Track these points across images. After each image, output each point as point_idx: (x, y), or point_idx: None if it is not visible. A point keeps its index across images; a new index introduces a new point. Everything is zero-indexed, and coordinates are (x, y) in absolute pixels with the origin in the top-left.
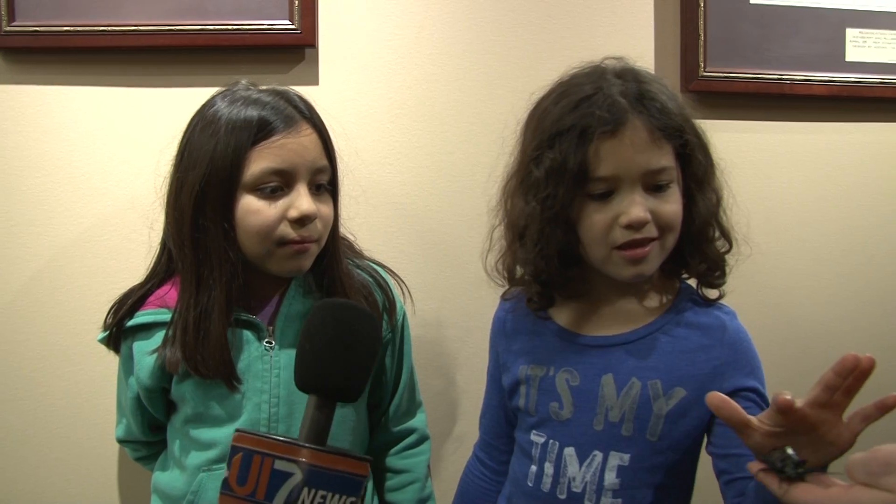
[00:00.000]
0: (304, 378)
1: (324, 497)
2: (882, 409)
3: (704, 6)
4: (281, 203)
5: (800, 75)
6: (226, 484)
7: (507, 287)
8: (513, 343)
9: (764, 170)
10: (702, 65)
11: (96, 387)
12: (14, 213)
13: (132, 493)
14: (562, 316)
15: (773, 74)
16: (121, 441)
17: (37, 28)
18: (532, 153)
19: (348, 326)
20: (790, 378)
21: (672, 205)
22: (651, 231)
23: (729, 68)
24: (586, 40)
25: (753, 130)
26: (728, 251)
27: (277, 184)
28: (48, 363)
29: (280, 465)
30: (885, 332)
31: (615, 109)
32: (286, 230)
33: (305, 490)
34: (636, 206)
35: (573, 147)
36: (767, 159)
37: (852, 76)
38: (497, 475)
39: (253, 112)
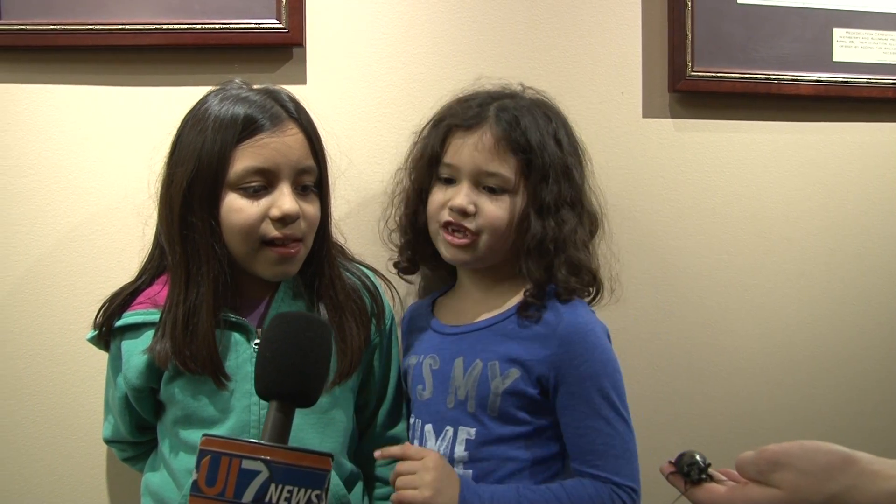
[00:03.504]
0: (265, 386)
1: (290, 491)
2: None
3: (692, 6)
4: (264, 202)
5: (787, 75)
6: (195, 486)
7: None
8: (405, 340)
9: (751, 169)
10: (689, 65)
11: (84, 387)
12: (0, 212)
13: (120, 494)
14: (440, 311)
15: (761, 74)
16: (107, 441)
17: (23, 26)
18: (419, 137)
19: (304, 336)
20: (776, 376)
21: (496, 208)
22: (470, 223)
23: (716, 68)
24: (573, 40)
25: (741, 130)
26: (589, 284)
27: (260, 183)
28: (35, 363)
29: (247, 464)
30: (873, 330)
31: (477, 113)
32: (268, 228)
33: (273, 486)
34: (461, 195)
35: (439, 134)
36: (754, 159)
37: (839, 76)
38: None
39: (239, 110)
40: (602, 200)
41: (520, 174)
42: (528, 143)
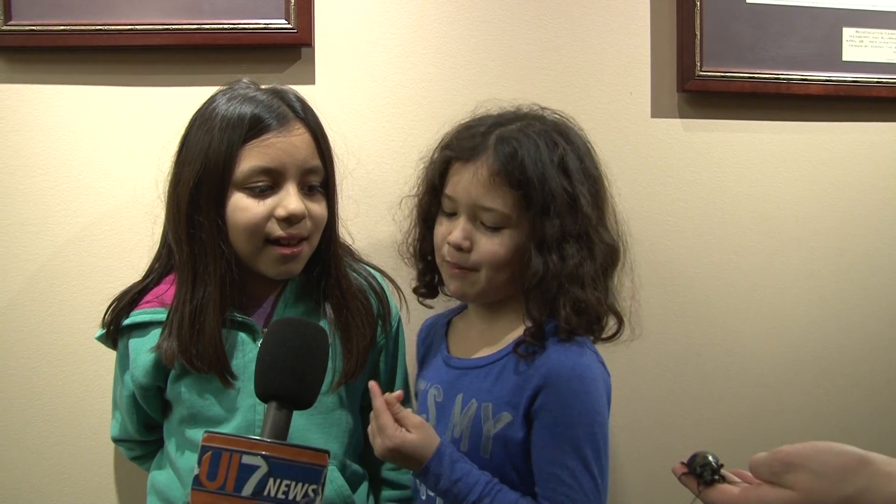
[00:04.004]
0: (264, 388)
1: (288, 485)
2: None
3: (700, 6)
4: (269, 201)
5: (796, 75)
6: (196, 480)
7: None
8: (419, 355)
9: (760, 169)
10: (698, 64)
11: (93, 386)
12: (11, 212)
13: (129, 493)
14: (451, 337)
15: (770, 74)
16: (115, 440)
17: (33, 27)
18: (426, 162)
19: (302, 341)
20: (785, 378)
21: (491, 244)
22: (466, 259)
23: (725, 68)
24: (582, 40)
25: (750, 130)
26: (594, 322)
27: (266, 183)
28: (44, 363)
29: (247, 459)
30: (882, 330)
31: (474, 144)
32: (274, 228)
33: (271, 480)
34: (457, 231)
35: (439, 165)
36: (764, 159)
37: (849, 76)
38: None
39: (246, 110)
40: (625, 229)
41: (519, 208)
42: (526, 176)
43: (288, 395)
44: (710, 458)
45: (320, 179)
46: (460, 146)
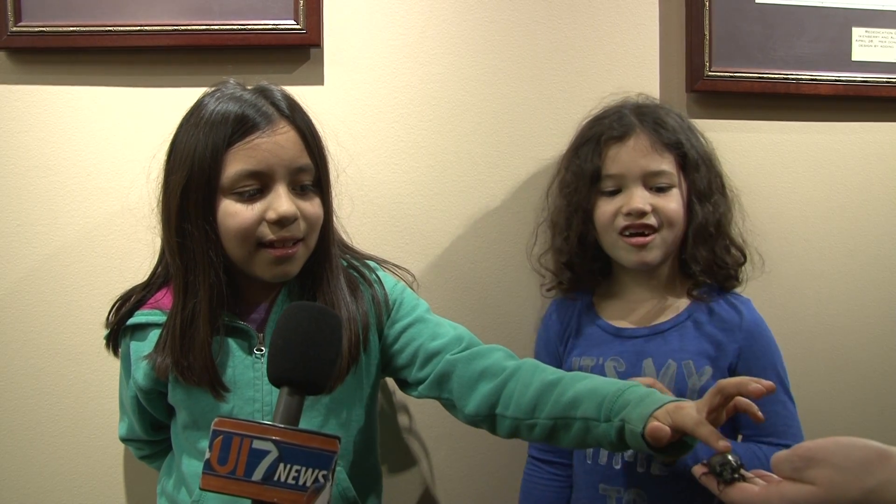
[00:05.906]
0: (276, 372)
1: (298, 471)
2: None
3: (709, 6)
4: (259, 205)
5: (805, 75)
6: (207, 464)
7: (546, 279)
8: (563, 339)
9: (769, 169)
10: (707, 64)
11: (101, 386)
12: (20, 212)
13: (138, 493)
14: (606, 313)
15: (779, 74)
16: (123, 440)
17: (43, 28)
18: (565, 162)
19: (315, 326)
20: (794, 377)
21: (671, 203)
22: (650, 220)
23: (734, 68)
24: (591, 40)
25: (759, 130)
26: (742, 263)
27: (255, 186)
28: (53, 362)
29: (258, 444)
30: (891, 332)
31: (624, 122)
32: (265, 232)
33: (281, 465)
34: (636, 198)
35: (590, 152)
36: (773, 159)
37: (858, 75)
38: (564, 469)
39: (230, 109)
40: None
41: (678, 168)
42: (678, 138)
43: (300, 379)
44: (731, 457)
45: (312, 178)
46: (608, 127)
